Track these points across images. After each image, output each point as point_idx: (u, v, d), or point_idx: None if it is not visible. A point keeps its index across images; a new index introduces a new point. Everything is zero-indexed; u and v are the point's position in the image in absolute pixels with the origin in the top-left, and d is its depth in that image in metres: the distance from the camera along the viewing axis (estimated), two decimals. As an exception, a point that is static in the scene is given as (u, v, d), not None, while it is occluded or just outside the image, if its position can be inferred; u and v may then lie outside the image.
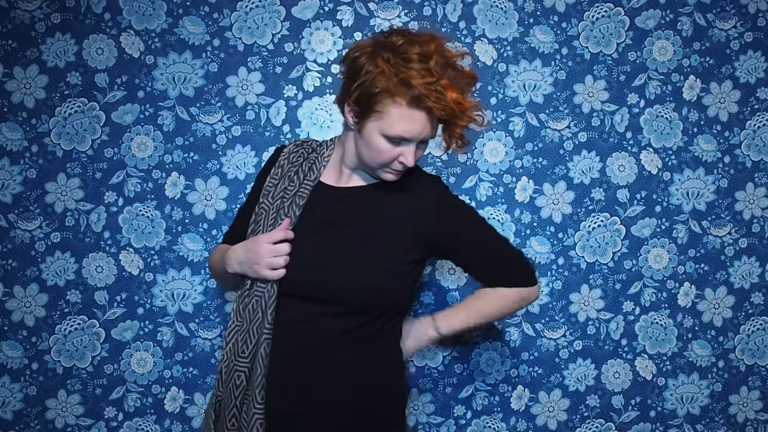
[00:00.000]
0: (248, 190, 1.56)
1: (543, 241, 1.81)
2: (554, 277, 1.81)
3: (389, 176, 1.24)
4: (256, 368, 1.20)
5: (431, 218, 1.27)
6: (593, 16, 1.80)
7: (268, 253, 1.20)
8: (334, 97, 1.73)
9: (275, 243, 1.22)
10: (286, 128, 1.76)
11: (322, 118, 1.76)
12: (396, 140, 1.18)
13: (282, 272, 1.21)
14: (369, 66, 1.16)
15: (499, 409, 1.81)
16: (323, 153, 1.33)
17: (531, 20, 1.78)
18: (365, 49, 1.19)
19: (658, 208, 1.83)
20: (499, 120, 1.79)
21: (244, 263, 1.24)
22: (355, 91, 1.17)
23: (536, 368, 1.82)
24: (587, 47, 1.80)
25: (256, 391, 1.19)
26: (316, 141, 1.39)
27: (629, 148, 1.82)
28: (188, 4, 1.73)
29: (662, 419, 1.85)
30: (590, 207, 1.81)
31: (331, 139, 1.37)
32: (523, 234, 1.80)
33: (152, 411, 1.76)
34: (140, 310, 1.75)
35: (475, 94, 1.78)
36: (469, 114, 1.18)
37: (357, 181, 1.31)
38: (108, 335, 1.75)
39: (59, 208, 1.73)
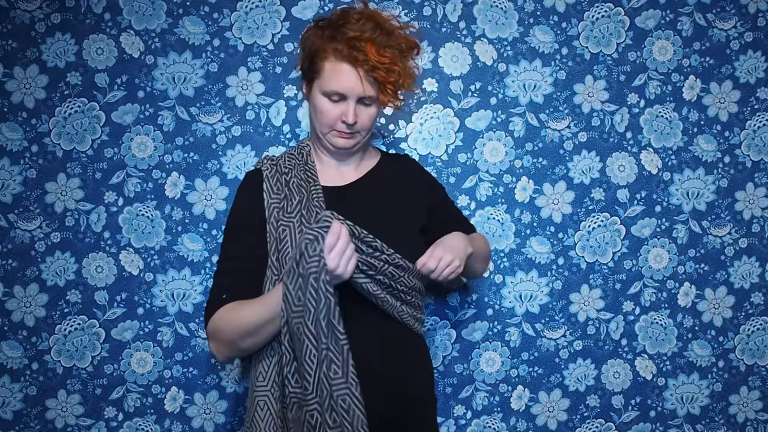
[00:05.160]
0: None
1: (543, 241, 1.81)
2: (554, 277, 1.81)
3: (340, 140, 1.32)
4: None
5: (425, 184, 1.46)
6: (593, 16, 1.80)
7: (336, 258, 1.12)
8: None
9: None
10: (286, 128, 1.76)
11: (322, 118, 1.76)
12: (333, 97, 1.27)
13: (354, 262, 1.15)
14: (310, 36, 1.30)
15: (499, 409, 1.81)
16: (306, 160, 1.36)
17: (531, 20, 1.78)
18: (311, 27, 1.33)
19: (658, 208, 1.83)
20: (499, 120, 1.79)
21: None
22: (305, 61, 1.30)
23: (536, 368, 1.82)
24: (587, 47, 1.80)
25: (358, 397, 1.19)
26: (282, 153, 1.40)
27: (629, 148, 1.82)
28: (188, 4, 1.73)
29: (662, 419, 1.85)
30: (590, 207, 1.82)
31: (298, 146, 1.40)
32: (523, 234, 1.80)
33: (152, 411, 1.76)
34: (140, 310, 1.75)
35: (474, 91, 1.78)
36: (388, 67, 1.25)
37: (350, 173, 1.38)
38: (108, 335, 1.75)
39: (59, 208, 1.73)
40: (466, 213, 1.78)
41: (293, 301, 1.14)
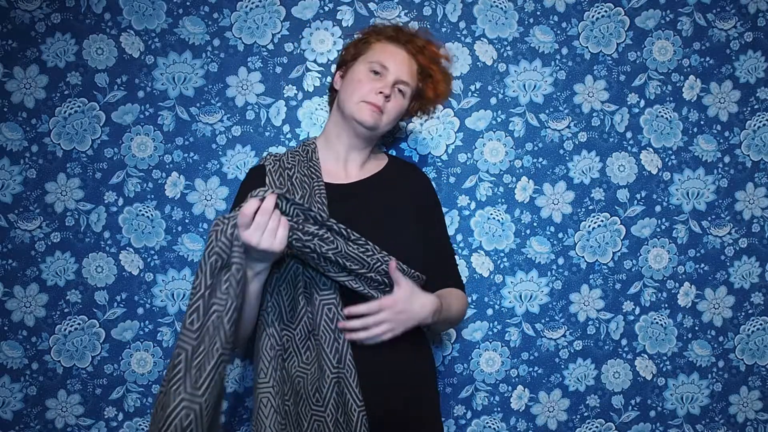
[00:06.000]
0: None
1: (543, 241, 1.81)
2: (554, 277, 1.81)
3: (366, 112, 1.34)
4: (349, 369, 1.22)
5: (426, 196, 1.47)
6: (593, 16, 1.80)
7: (257, 225, 1.11)
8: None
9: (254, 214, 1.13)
10: (286, 128, 1.76)
11: (322, 118, 1.76)
12: (376, 67, 1.35)
13: (284, 232, 1.13)
14: (356, 38, 1.45)
15: (499, 409, 1.81)
16: (310, 157, 1.37)
17: (531, 20, 1.78)
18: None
19: (658, 208, 1.83)
20: (499, 120, 1.79)
21: (253, 257, 1.15)
22: (350, 50, 1.43)
23: (536, 368, 1.82)
24: (587, 47, 1.80)
25: (355, 391, 1.21)
26: (285, 151, 1.42)
27: (629, 148, 1.82)
28: (188, 4, 1.73)
29: (662, 419, 1.85)
30: (590, 207, 1.81)
31: (302, 144, 1.41)
32: (523, 234, 1.80)
33: (152, 411, 1.76)
34: (140, 310, 1.75)
35: (474, 91, 1.78)
36: (432, 55, 1.42)
37: (356, 172, 1.39)
38: (108, 335, 1.75)
39: (59, 208, 1.73)
40: (465, 213, 1.78)
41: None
